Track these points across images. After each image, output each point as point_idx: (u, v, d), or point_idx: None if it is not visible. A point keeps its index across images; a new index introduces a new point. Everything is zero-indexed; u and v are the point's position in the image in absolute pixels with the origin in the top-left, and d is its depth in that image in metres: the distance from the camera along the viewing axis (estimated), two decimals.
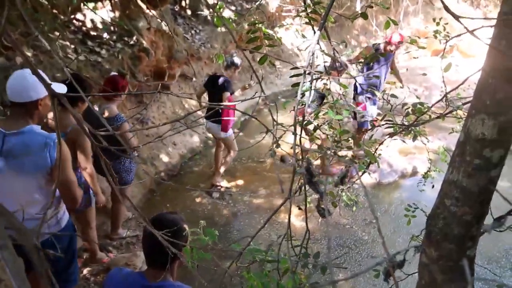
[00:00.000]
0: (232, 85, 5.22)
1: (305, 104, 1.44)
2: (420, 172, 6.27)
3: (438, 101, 1.97)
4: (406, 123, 2.17)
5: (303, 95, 1.18)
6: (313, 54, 1.13)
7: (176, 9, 7.69)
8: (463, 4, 13.05)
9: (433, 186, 3.52)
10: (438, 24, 2.24)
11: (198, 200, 5.50)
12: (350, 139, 1.67)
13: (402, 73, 6.69)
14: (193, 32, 7.66)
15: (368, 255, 4.66)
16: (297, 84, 1.19)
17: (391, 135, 1.99)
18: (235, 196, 5.65)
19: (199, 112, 6.62)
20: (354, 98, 6.20)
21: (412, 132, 1.93)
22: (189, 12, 7.84)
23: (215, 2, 7.98)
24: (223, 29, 7.90)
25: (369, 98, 6.03)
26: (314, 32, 1.24)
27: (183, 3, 7.79)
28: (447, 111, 2.00)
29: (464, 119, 2.47)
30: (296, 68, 1.19)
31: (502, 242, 4.85)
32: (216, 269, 1.41)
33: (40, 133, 2.33)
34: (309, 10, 1.32)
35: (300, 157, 1.31)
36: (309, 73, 1.14)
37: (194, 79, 7.25)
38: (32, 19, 4.65)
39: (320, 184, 0.85)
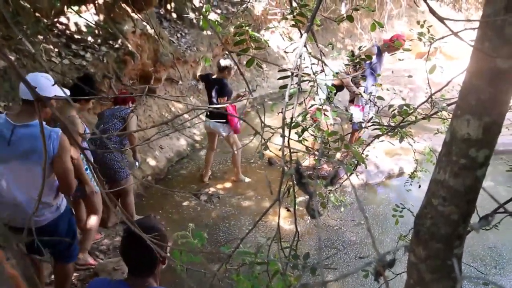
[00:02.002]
0: (229, 86, 5.41)
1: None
2: (406, 173, 6.34)
3: (423, 102, 2.00)
4: (392, 125, 2.20)
5: (291, 97, 1.19)
6: (300, 56, 1.14)
7: (162, 12, 7.66)
8: (446, 8, 13.27)
9: (419, 186, 3.57)
10: (422, 26, 2.27)
11: (186, 203, 5.48)
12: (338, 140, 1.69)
13: (387, 75, 6.76)
14: (178, 35, 7.63)
15: (356, 256, 4.70)
16: (284, 86, 1.20)
17: (378, 136, 2.01)
18: (223, 198, 5.64)
19: (186, 116, 6.59)
20: (351, 101, 6.23)
21: (398, 133, 1.96)
22: (174, 15, 7.81)
23: (201, 5, 7.97)
24: (209, 32, 7.90)
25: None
26: (301, 35, 1.25)
27: (169, 6, 7.76)
28: (432, 112, 2.02)
29: (449, 120, 2.51)
30: (284, 70, 1.20)
31: (486, 241, 4.93)
32: (205, 272, 1.41)
33: (46, 127, 2.62)
34: (295, 13, 1.33)
35: (289, 158, 1.31)
36: (296, 75, 1.15)
37: (180, 82, 7.22)
38: (14, 23, 4.58)
39: (309, 185, 0.85)
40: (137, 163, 4.81)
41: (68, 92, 2.91)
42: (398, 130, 1.92)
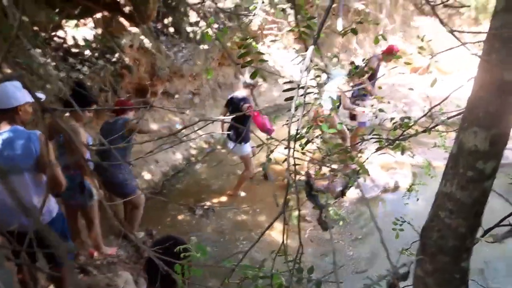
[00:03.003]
0: (249, 102, 5.37)
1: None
2: (401, 187, 6.35)
3: (423, 115, 2.00)
4: (392, 138, 2.20)
5: (296, 108, 1.18)
6: (306, 68, 1.14)
7: (159, 27, 7.70)
8: (439, 24, 13.46)
9: (417, 200, 3.56)
10: (422, 40, 2.30)
11: (181, 217, 5.43)
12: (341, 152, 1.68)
13: (383, 90, 6.84)
14: (175, 49, 7.66)
15: (353, 271, 4.65)
16: (290, 98, 1.19)
17: (378, 149, 2.01)
18: (218, 212, 5.60)
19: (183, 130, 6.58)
20: (353, 102, 6.35)
21: (399, 146, 1.96)
22: (171, 29, 7.85)
23: (198, 20, 8.02)
24: (206, 46, 7.94)
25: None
26: (306, 48, 1.25)
27: (166, 21, 7.80)
28: (432, 125, 2.03)
29: (447, 133, 2.50)
30: (290, 82, 1.20)
31: (481, 254, 4.91)
32: (207, 287, 1.38)
33: (23, 130, 2.73)
34: (302, 26, 1.33)
35: (293, 171, 1.30)
36: (302, 87, 1.15)
37: (176, 96, 7.23)
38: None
39: (319, 197, 0.84)
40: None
41: (43, 96, 3.05)
42: (400, 142, 1.92)
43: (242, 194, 6.03)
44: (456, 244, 1.10)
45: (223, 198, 5.96)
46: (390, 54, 5.91)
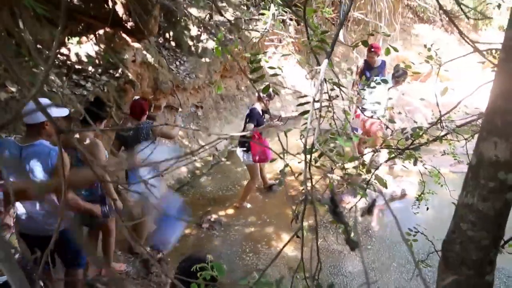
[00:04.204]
0: (257, 116, 5.46)
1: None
2: (408, 195, 6.30)
3: (434, 124, 1.99)
4: (400, 147, 2.18)
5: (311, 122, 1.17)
6: (321, 83, 1.13)
7: (161, 41, 7.74)
8: (438, 31, 13.50)
9: (427, 208, 3.53)
10: (429, 50, 2.30)
11: (188, 231, 5.40)
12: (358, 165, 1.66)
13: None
14: (177, 63, 7.68)
15: (363, 281, 4.59)
16: (305, 112, 1.18)
17: (390, 158, 2.00)
18: (225, 225, 5.57)
19: (186, 142, 6.58)
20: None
21: (411, 156, 1.94)
22: (173, 43, 7.89)
23: (198, 33, 8.06)
24: (207, 60, 7.96)
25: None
26: (317, 61, 1.25)
27: (167, 35, 7.85)
28: (443, 134, 2.01)
29: (454, 141, 2.48)
30: (304, 96, 1.19)
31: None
32: None
33: (47, 145, 3.02)
34: (316, 39, 1.33)
35: (309, 185, 1.28)
36: (317, 101, 1.14)
37: (180, 109, 7.23)
38: (15, 54, 4.60)
39: (344, 215, 0.82)
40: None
41: (66, 110, 3.30)
42: (412, 152, 1.91)
43: (248, 205, 6.00)
44: (480, 257, 1.07)
45: (230, 211, 5.93)
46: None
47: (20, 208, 3.08)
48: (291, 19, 9.43)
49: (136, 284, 4.34)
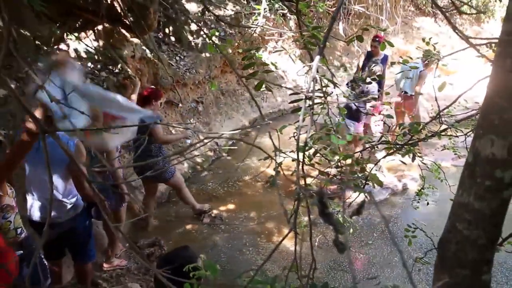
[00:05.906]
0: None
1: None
2: (410, 189, 6.28)
3: (433, 119, 1.96)
4: (399, 143, 2.16)
5: (303, 120, 1.15)
6: (313, 79, 1.11)
7: (160, 36, 7.70)
8: (440, 24, 13.40)
9: (427, 203, 3.51)
10: (428, 44, 2.26)
11: (189, 226, 5.40)
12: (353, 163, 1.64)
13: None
14: (177, 58, 7.65)
15: (364, 277, 4.59)
16: (297, 110, 1.16)
17: (388, 154, 1.97)
18: (225, 219, 5.58)
19: (188, 141, 6.58)
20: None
21: (409, 151, 1.92)
22: (173, 38, 7.85)
23: (198, 28, 8.02)
24: (207, 54, 7.93)
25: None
26: (311, 57, 1.22)
27: (167, 30, 7.81)
28: (442, 129, 1.99)
29: (455, 136, 2.45)
30: (297, 93, 1.16)
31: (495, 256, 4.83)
32: None
33: (65, 136, 3.04)
34: (307, 35, 1.30)
35: (303, 183, 1.27)
36: (309, 98, 1.12)
37: (180, 105, 7.22)
38: (14, 50, 4.57)
39: (333, 215, 0.81)
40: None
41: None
42: (410, 148, 1.88)
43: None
44: (476, 257, 1.05)
45: (231, 206, 5.93)
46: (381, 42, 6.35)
47: (30, 196, 3.19)
48: (291, 13, 9.37)
49: (137, 280, 4.35)
